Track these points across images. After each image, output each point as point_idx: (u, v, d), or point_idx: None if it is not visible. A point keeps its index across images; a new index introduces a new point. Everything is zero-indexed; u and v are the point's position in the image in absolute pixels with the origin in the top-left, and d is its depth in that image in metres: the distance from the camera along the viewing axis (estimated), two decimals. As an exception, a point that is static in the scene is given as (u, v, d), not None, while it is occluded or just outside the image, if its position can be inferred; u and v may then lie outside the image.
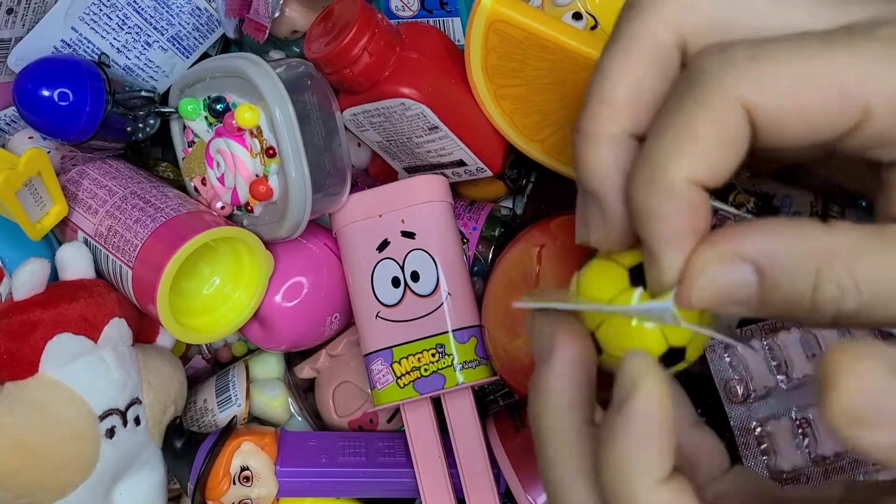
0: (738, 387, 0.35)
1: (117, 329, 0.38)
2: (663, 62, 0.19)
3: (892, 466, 0.16)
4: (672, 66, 0.19)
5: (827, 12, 0.18)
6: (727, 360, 0.35)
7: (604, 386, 0.21)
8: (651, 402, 0.18)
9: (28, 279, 0.36)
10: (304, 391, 0.49)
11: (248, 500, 0.41)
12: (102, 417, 0.37)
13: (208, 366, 0.49)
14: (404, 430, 0.41)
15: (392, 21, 0.40)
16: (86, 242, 0.39)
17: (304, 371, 0.47)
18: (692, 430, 0.23)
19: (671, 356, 0.20)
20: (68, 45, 0.40)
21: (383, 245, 0.41)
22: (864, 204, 0.38)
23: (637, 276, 0.20)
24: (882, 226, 0.17)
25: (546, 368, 0.20)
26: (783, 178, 0.38)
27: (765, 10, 0.19)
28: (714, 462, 0.23)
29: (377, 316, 0.40)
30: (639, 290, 0.20)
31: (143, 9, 0.40)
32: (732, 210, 0.21)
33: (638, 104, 0.19)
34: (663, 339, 0.20)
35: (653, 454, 0.18)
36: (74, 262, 0.38)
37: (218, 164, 0.39)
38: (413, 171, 0.44)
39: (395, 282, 0.40)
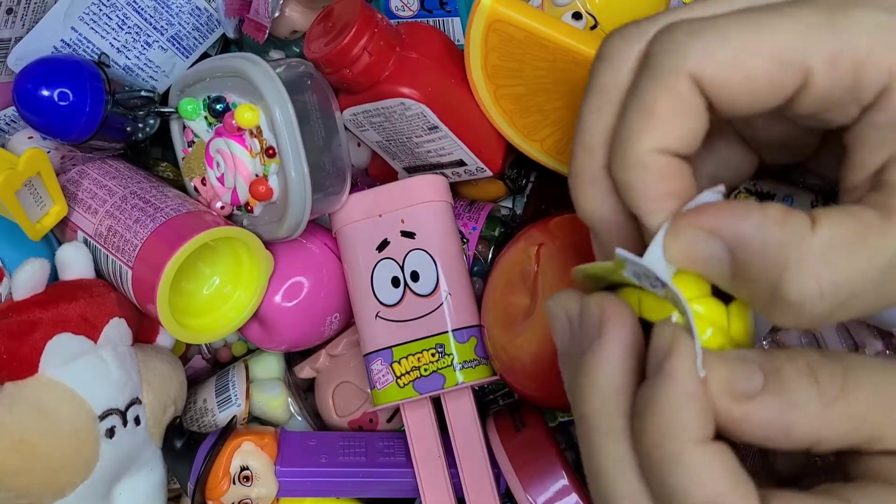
0: None
1: (117, 329, 0.38)
2: None
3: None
4: None
5: None
6: None
7: None
8: (689, 362, 0.18)
9: (28, 279, 0.36)
10: (304, 391, 0.49)
11: (248, 500, 0.41)
12: (102, 417, 0.37)
13: (208, 366, 0.49)
14: (404, 430, 0.41)
15: (392, 21, 0.40)
16: (86, 242, 0.39)
17: (304, 371, 0.47)
18: None
19: None
20: (68, 44, 0.40)
21: (383, 245, 0.41)
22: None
23: None
24: (848, 210, 0.18)
25: (597, 349, 0.20)
26: (784, 178, 0.38)
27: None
28: None
29: (377, 316, 0.40)
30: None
31: (142, 9, 0.40)
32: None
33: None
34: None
35: (692, 415, 0.18)
36: (74, 262, 0.38)
37: (218, 164, 0.39)
38: (413, 171, 0.44)
39: (395, 282, 0.40)
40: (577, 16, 0.38)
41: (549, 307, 0.23)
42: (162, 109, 0.40)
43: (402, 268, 0.40)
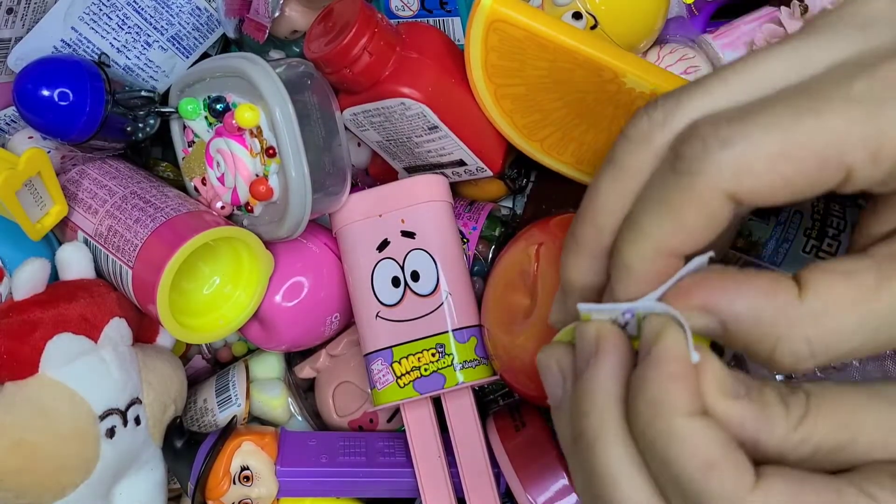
0: None
1: (117, 329, 0.38)
2: None
3: None
4: None
5: (811, 56, 0.19)
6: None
7: None
8: (677, 343, 0.19)
9: (28, 279, 0.36)
10: (304, 391, 0.49)
11: (249, 500, 0.41)
12: (103, 417, 0.37)
13: (208, 366, 0.49)
14: (404, 430, 0.41)
15: (392, 21, 0.40)
16: (86, 242, 0.39)
17: (304, 371, 0.47)
18: None
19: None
20: (68, 44, 0.40)
21: (383, 245, 0.41)
22: (864, 203, 0.38)
23: None
24: (842, 272, 0.18)
25: (594, 365, 0.21)
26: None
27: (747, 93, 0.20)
28: None
29: (377, 316, 0.40)
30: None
31: (143, 9, 0.40)
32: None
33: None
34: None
35: (680, 390, 0.19)
36: (74, 262, 0.38)
37: (218, 164, 0.39)
38: (413, 170, 0.44)
39: (396, 281, 0.40)
40: (577, 16, 0.38)
41: (540, 359, 0.23)
42: (162, 109, 0.40)
43: (402, 268, 0.40)
